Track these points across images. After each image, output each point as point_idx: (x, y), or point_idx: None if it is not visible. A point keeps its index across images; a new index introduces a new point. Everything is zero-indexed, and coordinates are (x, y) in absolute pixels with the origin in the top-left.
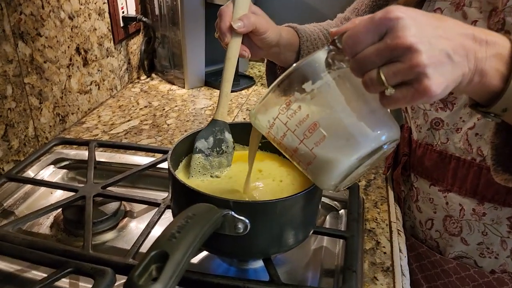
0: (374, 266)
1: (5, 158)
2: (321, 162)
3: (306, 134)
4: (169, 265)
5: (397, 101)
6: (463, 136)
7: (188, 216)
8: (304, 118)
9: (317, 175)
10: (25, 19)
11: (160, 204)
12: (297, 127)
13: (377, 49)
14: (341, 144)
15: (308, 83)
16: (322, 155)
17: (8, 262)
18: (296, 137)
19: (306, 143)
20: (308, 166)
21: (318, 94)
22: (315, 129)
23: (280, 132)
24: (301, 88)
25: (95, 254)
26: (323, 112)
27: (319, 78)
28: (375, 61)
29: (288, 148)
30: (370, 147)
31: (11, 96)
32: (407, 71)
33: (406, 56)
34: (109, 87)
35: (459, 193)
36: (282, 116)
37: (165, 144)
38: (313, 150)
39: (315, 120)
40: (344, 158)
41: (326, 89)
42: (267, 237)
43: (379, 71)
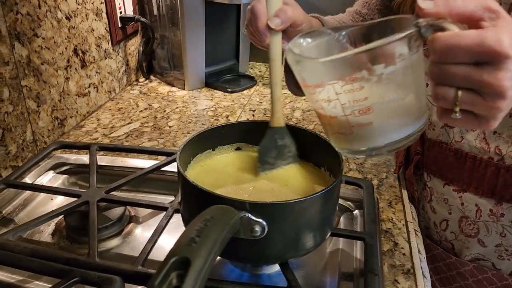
0: (394, 268)
1: (2, 163)
2: (354, 138)
3: (355, 113)
4: (191, 272)
5: (455, 123)
6: (480, 134)
7: (206, 219)
8: (361, 99)
9: (340, 143)
10: (21, 19)
11: (168, 208)
12: (349, 103)
13: (470, 75)
14: (381, 131)
15: (379, 66)
16: (359, 134)
17: (9, 272)
18: (342, 110)
19: (350, 120)
20: (337, 135)
21: (385, 80)
22: (366, 113)
23: (324, 95)
24: (371, 68)
25: (102, 262)
26: (382, 98)
27: (392, 64)
28: (460, 82)
29: (326, 110)
30: (405, 135)
31: (8, 99)
32: (485, 109)
33: (492, 97)
34: (107, 89)
35: (475, 193)
36: (338, 86)
37: (168, 147)
38: (353, 128)
39: (370, 105)
40: (376, 141)
41: (394, 77)
42: (285, 240)
43: (457, 93)
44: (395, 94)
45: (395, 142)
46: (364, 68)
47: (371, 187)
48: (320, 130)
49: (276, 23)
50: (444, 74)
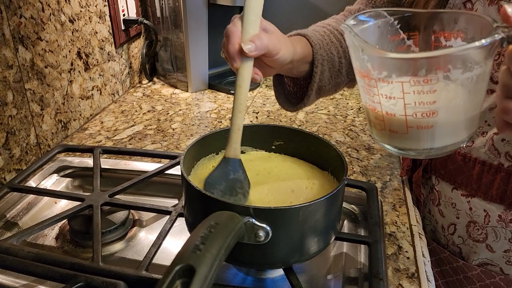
0: (398, 272)
1: (6, 167)
2: (407, 138)
3: (417, 115)
4: (196, 280)
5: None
6: (489, 140)
7: (211, 226)
8: (429, 102)
9: (386, 139)
10: (25, 23)
11: (172, 212)
12: (414, 104)
13: None
14: (438, 135)
15: (457, 71)
16: (414, 135)
17: (14, 276)
18: (403, 109)
19: (409, 120)
20: (388, 132)
21: (458, 86)
22: (430, 117)
23: (388, 91)
24: (447, 74)
25: (106, 266)
26: (449, 104)
27: (469, 70)
28: None
29: (383, 106)
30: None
31: (12, 103)
32: None
33: None
34: (111, 92)
35: (484, 198)
36: (408, 85)
37: (171, 149)
38: (410, 129)
39: (436, 109)
40: (429, 143)
41: (468, 83)
42: (289, 245)
43: None
44: (463, 101)
45: (446, 147)
46: (441, 70)
47: (375, 191)
48: (324, 133)
49: (248, 48)
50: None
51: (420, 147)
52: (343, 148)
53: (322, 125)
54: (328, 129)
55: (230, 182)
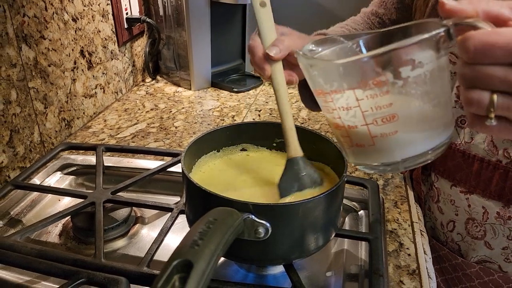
0: (399, 269)
1: (10, 165)
2: (375, 151)
3: (377, 121)
4: (193, 275)
5: (490, 131)
6: (488, 137)
7: (209, 221)
8: (386, 105)
9: (359, 157)
10: (28, 22)
11: (173, 209)
12: (371, 110)
13: (507, 77)
14: (406, 142)
15: (406, 68)
16: (382, 146)
17: (17, 273)
18: (363, 119)
19: (372, 129)
20: (356, 148)
21: (411, 83)
22: (391, 121)
23: (343, 103)
24: (397, 71)
25: (108, 262)
26: (408, 105)
27: (420, 66)
28: (496, 85)
29: (344, 120)
30: (430, 148)
31: (16, 101)
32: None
33: None
34: (114, 90)
35: (482, 195)
36: (359, 91)
37: (174, 147)
38: (375, 139)
39: (395, 112)
40: (399, 154)
41: (421, 80)
42: (289, 241)
43: (492, 97)
44: (422, 100)
45: (420, 156)
46: (389, 70)
47: (376, 187)
48: (326, 130)
49: (275, 52)
50: (478, 76)
51: (393, 159)
52: None
53: (324, 122)
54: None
55: (302, 180)
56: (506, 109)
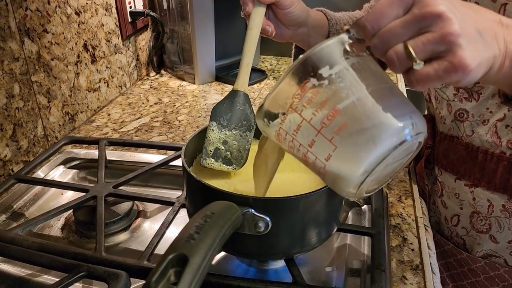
0: (402, 264)
1: (14, 158)
2: (343, 153)
3: (325, 122)
4: (188, 269)
5: (428, 78)
6: (491, 128)
7: (207, 215)
8: (323, 102)
9: (337, 175)
10: (30, 15)
11: (175, 203)
12: (314, 115)
13: (403, 21)
14: (363, 132)
15: (325, 68)
16: (344, 145)
17: (19, 266)
18: (313, 128)
19: (325, 133)
20: (327, 162)
21: (336, 79)
22: (336, 116)
23: (293, 125)
24: (318, 74)
25: (108, 256)
26: (343, 96)
27: (337, 63)
28: (401, 34)
29: (303, 144)
30: (392, 138)
31: (19, 95)
32: (438, 40)
33: (437, 25)
34: (118, 84)
35: (487, 188)
36: (297, 104)
37: (177, 141)
38: (333, 140)
39: (336, 105)
40: (366, 149)
41: (345, 73)
42: (289, 235)
43: (406, 43)
44: (356, 89)
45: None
46: (309, 76)
47: None
48: None
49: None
50: (383, 37)
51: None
52: None
53: None
54: None
55: (237, 113)
56: (423, 45)
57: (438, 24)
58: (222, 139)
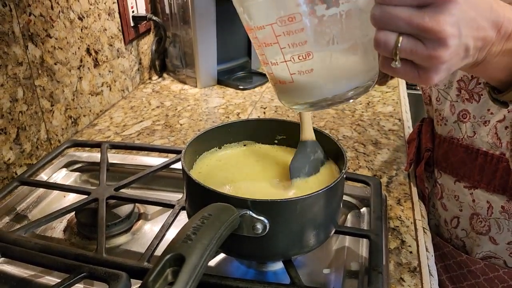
0: (400, 266)
1: (17, 161)
2: (295, 89)
3: (294, 59)
4: (185, 269)
5: (395, 73)
6: (492, 129)
7: (204, 217)
8: (301, 42)
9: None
10: (34, 20)
11: (175, 205)
12: (289, 47)
13: (411, 18)
14: (322, 81)
15: (321, 6)
16: (300, 84)
17: (21, 267)
18: (282, 55)
19: (290, 66)
20: (280, 85)
21: (326, 22)
22: (306, 59)
23: (266, 39)
24: (311, 9)
25: (109, 257)
26: (322, 43)
27: (335, 5)
28: (402, 27)
29: (266, 56)
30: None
31: (22, 99)
32: (425, 58)
33: (433, 44)
34: (120, 88)
35: (486, 189)
36: (277, 27)
37: (178, 144)
38: (293, 76)
39: (310, 50)
40: (317, 93)
41: (336, 19)
42: (287, 237)
43: (398, 38)
44: (336, 40)
45: (338, 96)
46: (304, 5)
47: (378, 185)
48: (331, 128)
49: None
50: (386, 16)
51: (313, 98)
52: (350, 143)
53: (329, 120)
54: (335, 124)
55: (313, 163)
56: (409, 52)
57: (434, 45)
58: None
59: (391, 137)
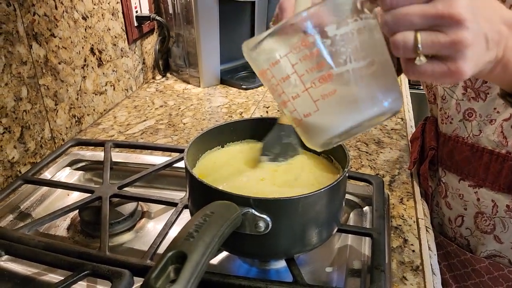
0: (402, 265)
1: (21, 160)
2: (323, 116)
3: (315, 83)
4: (187, 266)
5: (424, 74)
6: (498, 128)
7: (206, 214)
8: (320, 63)
9: (310, 130)
10: (38, 20)
11: (178, 203)
12: (307, 72)
13: (424, 11)
14: (348, 102)
15: (332, 27)
16: (326, 109)
17: (25, 265)
18: (302, 84)
19: (312, 93)
20: (306, 120)
21: (339, 41)
22: (328, 81)
23: (283, 73)
24: (323, 30)
25: (112, 255)
26: (340, 62)
27: (345, 24)
28: (417, 22)
29: (286, 93)
30: (374, 112)
31: (26, 98)
32: (448, 45)
33: (452, 29)
34: (124, 87)
35: (491, 188)
36: (292, 56)
37: (182, 143)
38: (317, 103)
39: (330, 71)
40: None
41: (349, 37)
42: (290, 236)
43: (417, 35)
44: (354, 57)
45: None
46: (315, 30)
47: (381, 184)
48: None
49: None
50: (399, 18)
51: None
52: (353, 142)
53: None
54: None
55: (284, 146)
56: (431, 43)
57: (454, 29)
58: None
59: (393, 136)
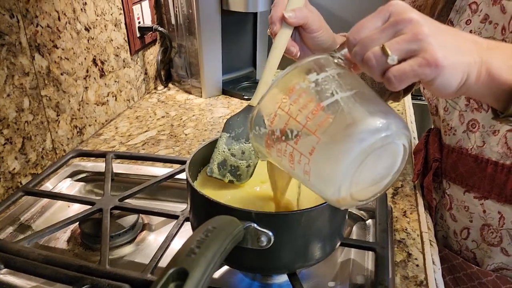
0: (406, 280)
1: (22, 171)
2: (326, 146)
3: (309, 116)
4: (188, 283)
5: (404, 73)
6: (501, 139)
7: (208, 230)
8: (308, 101)
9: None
10: (41, 31)
11: (179, 216)
12: (300, 112)
13: (382, 28)
14: (345, 127)
15: (312, 74)
16: (329, 136)
17: (25, 278)
18: (298, 123)
19: (310, 126)
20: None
21: (322, 82)
22: (319, 111)
23: (281, 123)
24: (305, 78)
25: (112, 269)
26: (327, 95)
27: (324, 71)
28: (379, 38)
29: (289, 143)
30: (373, 136)
31: (28, 109)
32: (410, 39)
33: (408, 28)
34: (126, 98)
35: (497, 200)
36: (284, 104)
37: (183, 154)
38: (316, 133)
39: (320, 102)
40: (349, 145)
41: (329, 79)
42: (292, 250)
43: (382, 45)
44: (338, 91)
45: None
46: (298, 81)
47: (384, 197)
48: None
49: (289, 15)
50: (363, 42)
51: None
52: None
53: None
54: None
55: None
56: (396, 44)
57: (409, 27)
58: (231, 152)
59: None
